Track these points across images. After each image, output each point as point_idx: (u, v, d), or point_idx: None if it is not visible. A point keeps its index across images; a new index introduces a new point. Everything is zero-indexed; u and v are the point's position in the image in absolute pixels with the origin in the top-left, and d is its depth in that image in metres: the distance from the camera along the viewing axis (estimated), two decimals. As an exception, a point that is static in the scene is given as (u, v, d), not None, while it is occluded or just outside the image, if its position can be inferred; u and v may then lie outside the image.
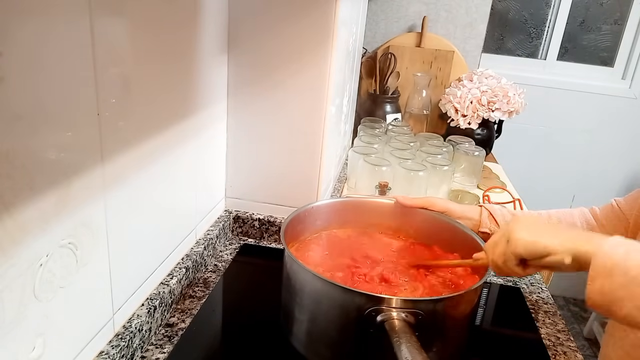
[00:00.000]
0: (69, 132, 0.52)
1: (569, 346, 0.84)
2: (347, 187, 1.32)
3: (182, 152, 0.82)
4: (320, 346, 0.71)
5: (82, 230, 0.56)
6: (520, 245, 0.60)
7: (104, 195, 0.60)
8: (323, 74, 0.94)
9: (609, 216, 0.86)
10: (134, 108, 0.65)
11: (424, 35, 1.81)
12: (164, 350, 0.73)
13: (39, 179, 0.48)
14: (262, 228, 1.06)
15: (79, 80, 0.52)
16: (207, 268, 0.95)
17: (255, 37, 0.94)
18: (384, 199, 0.91)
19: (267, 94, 0.97)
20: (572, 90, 2.35)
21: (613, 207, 0.86)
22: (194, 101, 0.84)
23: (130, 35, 0.62)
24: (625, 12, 2.35)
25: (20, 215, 0.46)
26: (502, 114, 1.64)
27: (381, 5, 1.88)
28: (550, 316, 0.91)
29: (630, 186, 2.54)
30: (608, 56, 2.42)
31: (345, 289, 0.64)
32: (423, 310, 0.62)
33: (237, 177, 1.05)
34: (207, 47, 0.86)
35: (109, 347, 0.65)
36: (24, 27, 0.43)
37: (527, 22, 2.43)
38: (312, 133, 0.98)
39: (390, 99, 1.72)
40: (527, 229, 0.61)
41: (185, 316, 0.81)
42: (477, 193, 1.39)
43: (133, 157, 0.66)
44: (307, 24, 0.91)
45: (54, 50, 0.48)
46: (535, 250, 0.59)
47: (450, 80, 1.80)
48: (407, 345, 0.56)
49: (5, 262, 0.45)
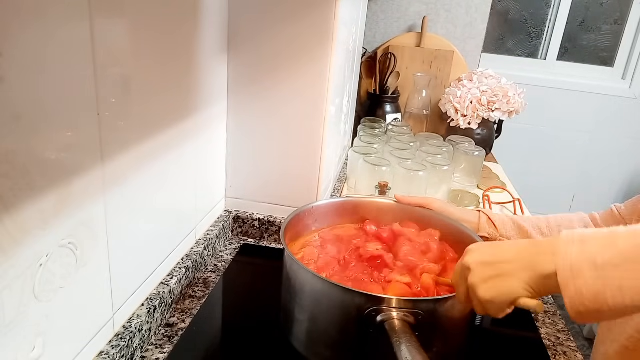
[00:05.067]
0: (69, 132, 0.52)
1: (569, 346, 0.84)
2: (347, 187, 1.32)
3: (182, 152, 0.82)
4: (320, 346, 0.71)
5: (82, 230, 0.56)
6: (471, 256, 0.58)
7: (104, 195, 0.60)
8: (323, 74, 0.94)
9: (608, 222, 0.86)
10: (134, 108, 0.65)
11: (424, 35, 1.81)
12: (164, 350, 0.73)
13: (39, 179, 0.48)
14: (262, 228, 1.07)
15: (79, 81, 0.52)
16: (207, 268, 0.95)
17: (255, 37, 0.94)
18: (384, 199, 0.90)
19: (267, 94, 0.97)
20: (572, 90, 2.36)
21: (613, 213, 0.86)
22: (194, 101, 0.84)
23: (130, 35, 0.62)
24: (625, 12, 2.35)
25: (20, 216, 0.46)
26: (502, 114, 1.64)
27: (381, 5, 1.88)
28: (550, 316, 0.91)
29: (630, 186, 2.54)
30: (608, 56, 2.43)
31: (345, 289, 0.64)
32: (423, 310, 0.62)
33: (237, 177, 1.05)
34: (207, 47, 0.86)
35: (109, 347, 0.65)
36: (24, 27, 0.43)
37: (527, 22, 2.43)
38: (312, 133, 0.98)
39: (390, 99, 1.72)
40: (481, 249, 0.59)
41: (185, 316, 0.81)
42: (477, 193, 1.39)
43: (133, 157, 0.66)
44: (307, 24, 0.91)
45: (54, 50, 0.48)
46: (484, 259, 0.57)
47: (450, 80, 1.80)
48: (407, 345, 0.56)
49: (5, 262, 0.45)
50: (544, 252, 0.53)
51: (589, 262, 0.48)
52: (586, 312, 0.49)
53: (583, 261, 0.48)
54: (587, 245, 0.49)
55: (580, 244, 0.50)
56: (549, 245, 0.53)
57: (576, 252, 0.49)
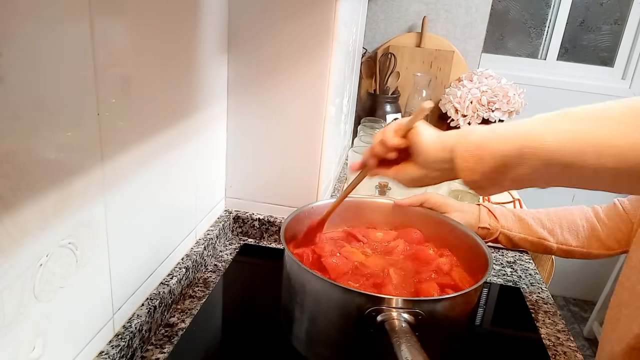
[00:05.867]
0: (69, 132, 0.52)
1: (569, 346, 0.84)
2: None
3: (182, 152, 0.82)
4: (320, 346, 0.71)
5: (82, 230, 0.56)
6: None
7: (104, 195, 0.60)
8: (323, 74, 0.94)
9: (611, 216, 0.86)
10: (134, 108, 0.65)
11: (424, 35, 1.81)
12: (164, 350, 0.73)
13: (39, 179, 0.48)
14: (262, 228, 1.06)
15: (79, 80, 0.52)
16: (207, 268, 0.95)
17: (255, 37, 0.94)
18: (384, 199, 0.90)
19: (267, 94, 0.97)
20: (572, 90, 2.35)
21: (616, 207, 0.86)
22: (194, 101, 0.84)
23: (130, 35, 0.62)
24: (625, 12, 2.35)
25: (20, 216, 0.46)
26: (502, 114, 1.64)
27: (381, 5, 1.88)
28: (550, 316, 0.91)
29: (630, 186, 2.53)
30: (608, 56, 2.43)
31: (345, 289, 0.64)
32: (423, 310, 0.62)
33: (237, 177, 1.05)
34: (207, 47, 0.86)
35: (109, 347, 0.65)
36: (23, 27, 0.43)
37: (527, 22, 2.43)
38: (312, 133, 0.98)
39: (390, 99, 1.72)
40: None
41: (185, 316, 0.81)
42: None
43: (133, 157, 0.66)
44: (307, 24, 0.91)
45: (54, 50, 0.48)
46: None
47: (450, 80, 1.80)
48: (407, 345, 0.56)
49: (5, 262, 0.45)
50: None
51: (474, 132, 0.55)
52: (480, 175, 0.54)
53: (489, 137, 0.53)
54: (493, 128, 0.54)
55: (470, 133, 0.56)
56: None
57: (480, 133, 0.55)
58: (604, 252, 0.86)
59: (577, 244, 0.87)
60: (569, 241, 0.87)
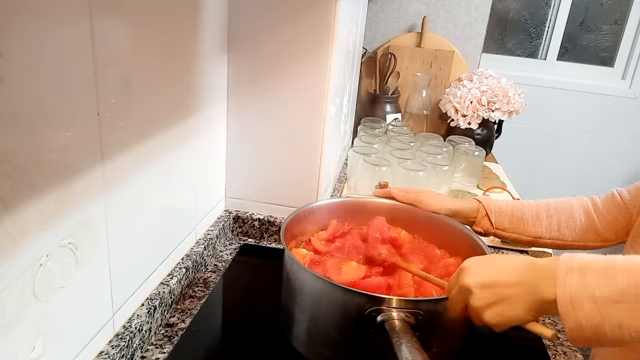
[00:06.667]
0: (69, 132, 0.52)
1: (569, 346, 0.84)
2: (347, 187, 1.32)
3: (182, 152, 0.82)
4: (320, 346, 0.71)
5: (82, 230, 0.56)
6: (470, 277, 0.57)
7: (104, 195, 0.60)
8: (323, 74, 0.94)
9: (609, 207, 0.85)
10: (134, 108, 0.65)
11: (424, 35, 1.81)
12: (164, 350, 0.73)
13: (39, 179, 0.48)
14: (262, 228, 1.06)
15: (79, 80, 0.52)
16: (207, 268, 0.95)
17: (255, 37, 0.94)
18: (383, 199, 0.90)
19: (267, 94, 0.97)
20: (572, 90, 2.35)
21: (615, 198, 0.85)
22: (194, 101, 0.84)
23: (130, 35, 0.62)
24: (625, 12, 2.35)
25: (20, 216, 0.46)
26: (502, 114, 1.64)
27: (381, 5, 1.88)
28: (551, 316, 0.91)
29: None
30: (608, 56, 2.43)
31: (345, 289, 0.64)
32: (423, 310, 0.62)
33: (237, 177, 1.05)
34: (207, 47, 0.86)
35: (109, 347, 0.65)
36: (24, 27, 0.43)
37: (527, 22, 2.43)
38: (312, 133, 0.98)
39: (390, 99, 1.71)
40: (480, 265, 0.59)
41: (185, 316, 0.81)
42: (477, 193, 1.39)
43: (133, 157, 0.66)
44: (307, 24, 0.91)
45: (54, 50, 0.48)
46: (484, 281, 0.57)
47: (450, 80, 1.80)
48: (407, 345, 0.56)
49: (5, 262, 0.45)
50: (544, 277, 0.53)
51: (588, 296, 0.49)
52: (586, 341, 0.50)
53: (582, 294, 0.49)
54: (586, 277, 0.50)
55: (579, 274, 0.50)
56: (548, 270, 0.53)
57: (575, 284, 0.50)
58: (600, 244, 0.86)
59: (573, 238, 0.86)
60: (565, 236, 0.86)
